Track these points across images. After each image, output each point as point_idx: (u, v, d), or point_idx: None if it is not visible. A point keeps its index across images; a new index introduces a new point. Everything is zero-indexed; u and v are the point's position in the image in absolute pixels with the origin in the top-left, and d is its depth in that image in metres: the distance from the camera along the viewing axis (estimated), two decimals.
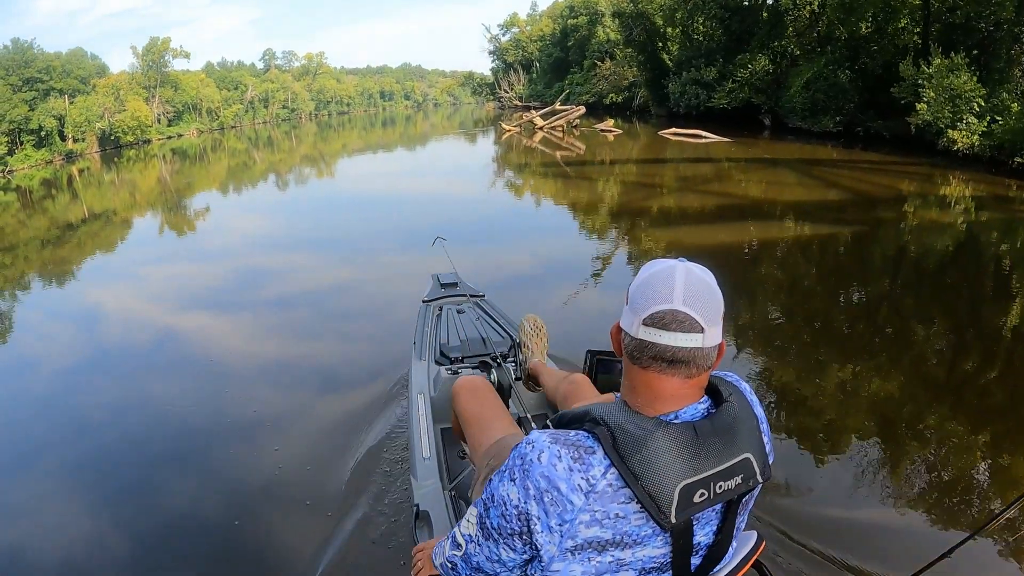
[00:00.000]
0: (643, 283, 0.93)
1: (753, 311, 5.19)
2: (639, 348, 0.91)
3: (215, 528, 2.76)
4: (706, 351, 0.90)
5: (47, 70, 39.34)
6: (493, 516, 0.96)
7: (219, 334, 5.43)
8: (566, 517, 0.88)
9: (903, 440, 3.17)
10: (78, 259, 10.11)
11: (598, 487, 0.87)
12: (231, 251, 9.33)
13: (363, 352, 4.66)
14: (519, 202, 11.71)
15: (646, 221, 8.96)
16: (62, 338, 5.85)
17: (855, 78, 15.66)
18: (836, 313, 5.21)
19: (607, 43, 37.58)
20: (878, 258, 6.77)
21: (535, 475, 0.89)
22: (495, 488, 0.96)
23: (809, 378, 3.88)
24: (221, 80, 63.44)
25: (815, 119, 16.14)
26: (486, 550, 1.00)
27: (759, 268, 6.41)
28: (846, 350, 4.33)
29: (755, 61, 18.60)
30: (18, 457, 3.61)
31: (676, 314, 0.88)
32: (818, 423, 3.36)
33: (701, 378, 0.93)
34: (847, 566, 2.23)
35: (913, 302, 5.48)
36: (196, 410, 3.91)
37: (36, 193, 21.79)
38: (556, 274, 6.43)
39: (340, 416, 3.57)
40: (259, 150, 33.84)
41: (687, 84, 21.56)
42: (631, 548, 0.91)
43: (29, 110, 36.14)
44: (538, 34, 52.13)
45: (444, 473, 2.14)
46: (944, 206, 8.85)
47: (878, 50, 15.83)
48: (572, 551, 0.90)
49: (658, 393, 0.92)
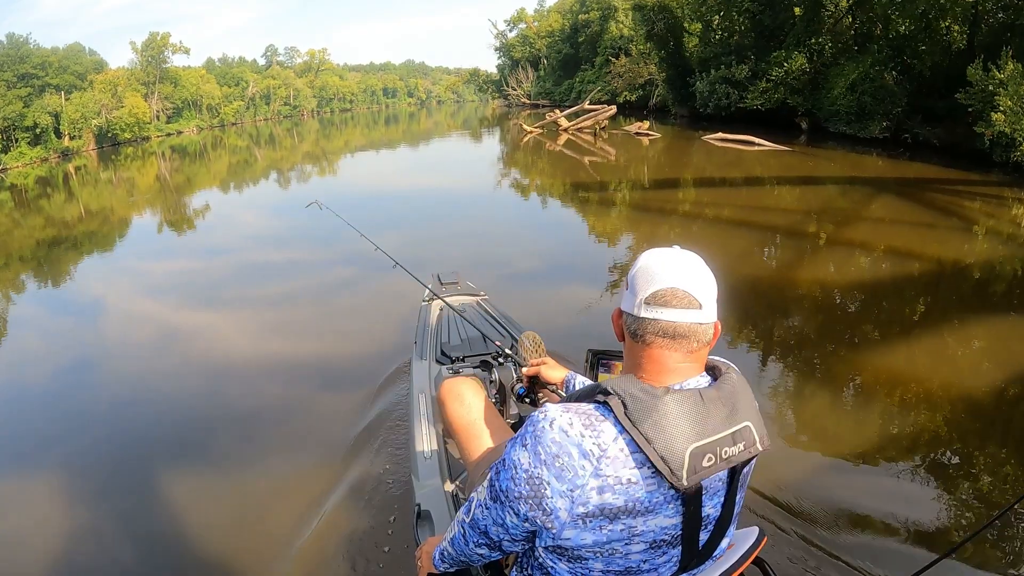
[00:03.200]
0: (642, 268, 1.00)
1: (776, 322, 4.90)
2: (642, 326, 0.97)
3: (214, 524, 2.77)
4: (705, 326, 0.96)
5: (43, 66, 38.62)
6: (503, 479, 0.98)
7: (219, 331, 5.43)
8: (577, 482, 0.90)
9: (904, 440, 3.14)
10: (74, 258, 9.96)
11: (609, 452, 0.89)
12: (231, 248, 9.25)
13: (364, 351, 4.57)
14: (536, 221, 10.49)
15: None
16: (59, 337, 5.81)
17: (901, 80, 14.52)
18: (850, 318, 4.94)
19: (620, 39, 36.48)
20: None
21: (546, 440, 0.92)
22: (507, 453, 0.98)
23: (812, 377, 3.90)
24: (222, 76, 62.70)
25: (861, 124, 14.86)
26: (493, 513, 1.01)
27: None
28: (849, 351, 4.29)
29: (791, 59, 17.37)
30: (20, 453, 3.63)
31: (676, 292, 0.95)
32: (819, 422, 3.38)
33: (701, 352, 0.98)
34: (847, 565, 2.21)
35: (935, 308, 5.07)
36: (197, 406, 3.94)
37: (31, 192, 21.28)
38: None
39: (340, 416, 3.57)
40: (260, 147, 33.58)
41: (716, 83, 20.06)
42: (643, 516, 0.92)
43: (24, 107, 35.35)
44: (547, 30, 50.89)
45: (445, 472, 2.13)
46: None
47: (926, 50, 14.66)
48: (583, 518, 0.92)
49: (663, 366, 0.97)
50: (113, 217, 14.23)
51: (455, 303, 3.33)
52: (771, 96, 17.90)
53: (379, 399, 3.62)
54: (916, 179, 10.88)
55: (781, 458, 2.93)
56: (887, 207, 8.93)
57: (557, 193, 11.80)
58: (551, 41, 49.75)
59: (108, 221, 13.69)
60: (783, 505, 2.53)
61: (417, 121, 52.36)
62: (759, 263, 6.57)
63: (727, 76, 19.60)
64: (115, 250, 10.37)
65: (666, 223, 8.62)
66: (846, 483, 2.76)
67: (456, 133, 33.32)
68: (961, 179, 10.55)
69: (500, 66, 59.36)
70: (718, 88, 19.96)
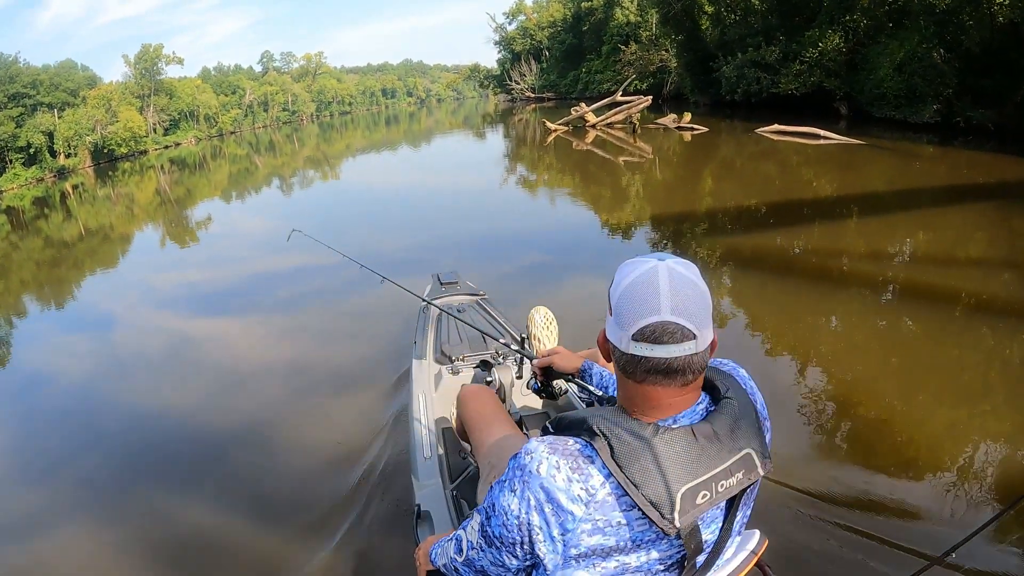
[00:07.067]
0: (626, 291, 0.90)
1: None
2: (631, 363, 0.90)
3: (220, 527, 2.81)
4: (700, 355, 0.89)
5: (33, 84, 37.87)
6: (495, 525, 0.97)
7: (227, 342, 5.49)
8: (568, 527, 0.88)
9: (905, 440, 2.99)
10: (76, 277, 9.99)
11: (598, 496, 0.87)
12: (236, 259, 9.27)
13: (364, 352, 4.63)
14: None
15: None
16: (67, 354, 5.86)
17: (950, 58, 13.23)
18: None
19: (627, 25, 35.24)
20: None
21: (534, 486, 0.89)
22: (496, 498, 0.96)
23: (815, 378, 3.70)
24: (218, 85, 62.00)
25: (912, 108, 13.47)
26: (489, 555, 1.01)
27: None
28: (853, 354, 4.03)
29: (825, 38, 16.08)
30: (36, 468, 3.65)
31: (666, 326, 0.86)
32: (820, 423, 3.21)
33: (698, 380, 0.92)
34: (848, 565, 2.18)
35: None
36: (208, 419, 3.96)
37: (28, 213, 20.95)
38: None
39: (341, 417, 3.65)
40: (260, 155, 33.31)
41: (745, 67, 18.61)
42: (636, 552, 0.91)
43: (16, 127, 34.60)
44: (547, 21, 49.65)
45: (445, 472, 2.13)
46: None
47: (973, 26, 13.36)
48: (576, 559, 0.91)
49: (656, 402, 0.91)
50: (113, 234, 14.09)
51: (455, 303, 3.35)
52: (806, 79, 16.56)
53: (379, 400, 3.68)
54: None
55: (780, 457, 2.72)
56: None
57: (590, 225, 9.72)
58: (553, 32, 48.55)
59: (108, 239, 13.54)
60: (782, 506, 2.48)
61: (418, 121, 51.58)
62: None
63: (755, 59, 18.19)
64: (118, 266, 10.40)
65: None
66: (846, 482, 2.67)
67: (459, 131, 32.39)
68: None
69: (501, 60, 58.20)
70: (747, 72, 18.49)
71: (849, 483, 2.63)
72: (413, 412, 2.55)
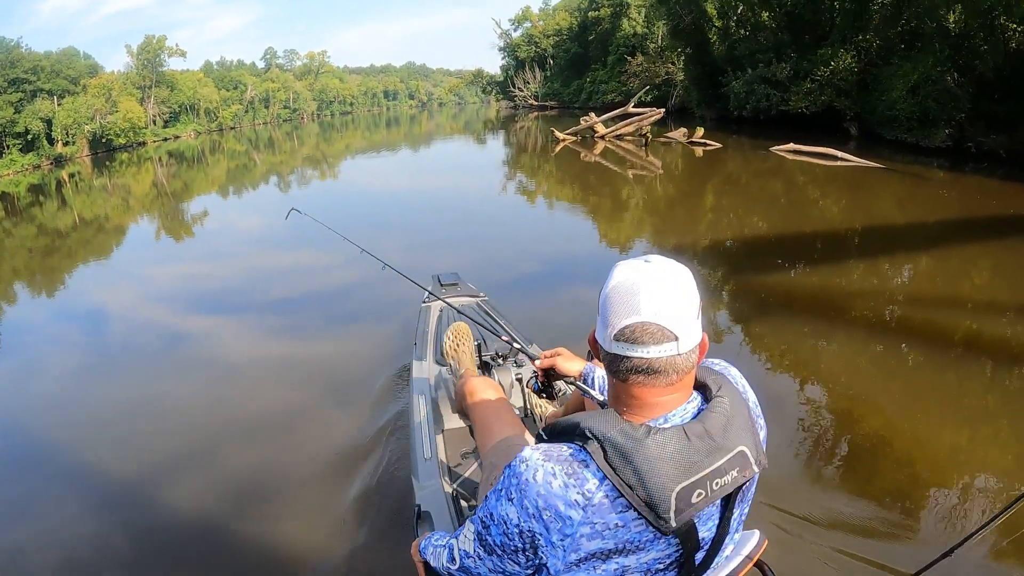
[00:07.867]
0: (611, 292, 0.91)
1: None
2: (614, 362, 0.92)
3: (219, 528, 2.77)
4: (684, 356, 0.89)
5: (34, 70, 37.54)
6: (495, 534, 0.97)
7: (223, 337, 5.42)
8: (567, 532, 0.89)
9: (905, 440, 3.05)
10: (68, 267, 9.87)
11: (594, 500, 0.87)
12: (232, 254, 9.20)
13: (364, 352, 4.61)
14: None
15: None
16: (59, 344, 5.76)
17: (963, 82, 13.18)
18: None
19: (634, 36, 35.25)
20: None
21: (532, 495, 0.90)
22: (493, 507, 0.97)
23: (815, 377, 3.82)
24: (220, 80, 61.73)
25: (924, 132, 13.41)
26: (489, 563, 1.01)
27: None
28: (854, 354, 4.15)
29: (837, 57, 16.03)
30: (27, 457, 3.63)
31: (646, 327, 0.87)
32: (821, 422, 3.30)
33: (685, 380, 0.92)
34: (848, 564, 2.20)
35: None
36: (200, 410, 3.95)
37: (23, 200, 20.75)
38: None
39: (341, 417, 3.61)
40: (259, 152, 33.29)
41: (754, 82, 18.55)
42: (635, 554, 0.92)
43: (15, 112, 34.26)
44: (553, 29, 49.69)
45: (445, 473, 2.12)
46: None
47: (987, 50, 13.32)
48: (577, 563, 0.91)
49: (643, 402, 0.92)
50: (108, 225, 13.94)
51: (455, 304, 3.29)
52: (816, 98, 16.50)
53: (378, 400, 3.65)
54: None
55: (781, 457, 2.89)
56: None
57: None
58: (558, 40, 48.58)
59: (103, 229, 13.40)
60: (783, 506, 2.49)
61: (418, 124, 51.56)
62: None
63: (766, 75, 18.14)
64: (112, 257, 10.31)
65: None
66: (846, 482, 2.73)
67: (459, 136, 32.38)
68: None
69: (504, 67, 58.17)
70: (757, 88, 18.44)
71: (841, 507, 2.59)
72: (413, 413, 2.55)
